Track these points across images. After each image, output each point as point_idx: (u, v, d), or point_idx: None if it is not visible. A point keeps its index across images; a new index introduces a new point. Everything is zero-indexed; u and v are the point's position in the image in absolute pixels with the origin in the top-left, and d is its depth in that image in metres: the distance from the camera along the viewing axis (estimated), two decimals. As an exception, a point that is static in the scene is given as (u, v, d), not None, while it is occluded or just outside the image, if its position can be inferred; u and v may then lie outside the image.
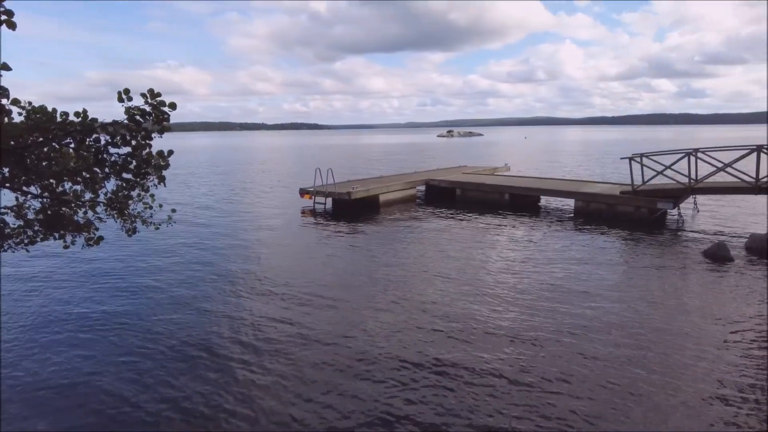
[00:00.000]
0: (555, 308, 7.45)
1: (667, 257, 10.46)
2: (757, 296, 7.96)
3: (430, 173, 21.78)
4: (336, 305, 7.73)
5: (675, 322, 6.97)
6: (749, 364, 5.67)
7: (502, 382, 5.34)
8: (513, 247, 11.25)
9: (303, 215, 15.78)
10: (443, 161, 35.72)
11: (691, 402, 4.93)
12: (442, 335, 6.57)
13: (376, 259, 10.40)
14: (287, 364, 5.80)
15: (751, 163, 12.28)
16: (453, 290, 8.36)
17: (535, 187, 16.72)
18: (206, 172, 32.95)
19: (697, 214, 14.80)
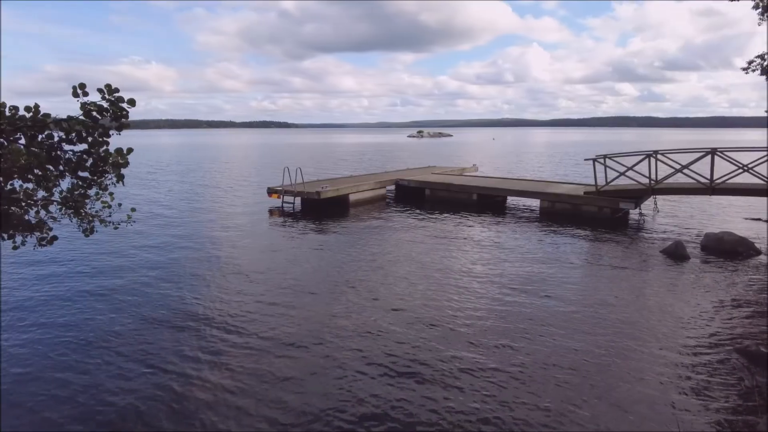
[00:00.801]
0: (520, 306, 7.57)
1: (629, 256, 10.78)
2: (712, 293, 8.29)
3: (400, 173, 21.86)
4: (304, 305, 7.65)
5: (635, 317, 7.19)
6: (704, 359, 5.89)
7: (466, 381, 5.38)
8: (480, 247, 11.39)
9: (271, 215, 15.57)
10: (413, 161, 35.90)
11: (653, 397, 5.08)
12: (409, 334, 6.58)
13: (345, 259, 10.36)
14: (253, 365, 5.70)
15: (706, 165, 12.82)
16: (421, 289, 8.40)
17: (502, 188, 16.98)
18: (171, 170, 32.14)
19: (657, 213, 15.31)
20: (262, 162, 40.91)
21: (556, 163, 37.67)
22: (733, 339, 6.43)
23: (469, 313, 7.31)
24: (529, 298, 7.94)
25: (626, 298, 8.11)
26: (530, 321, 7.02)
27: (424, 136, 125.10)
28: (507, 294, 8.15)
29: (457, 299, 7.90)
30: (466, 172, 23.02)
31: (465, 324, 6.92)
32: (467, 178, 19.78)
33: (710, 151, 12.77)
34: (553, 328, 6.75)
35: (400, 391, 5.18)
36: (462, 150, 59.93)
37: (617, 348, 6.18)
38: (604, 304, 7.74)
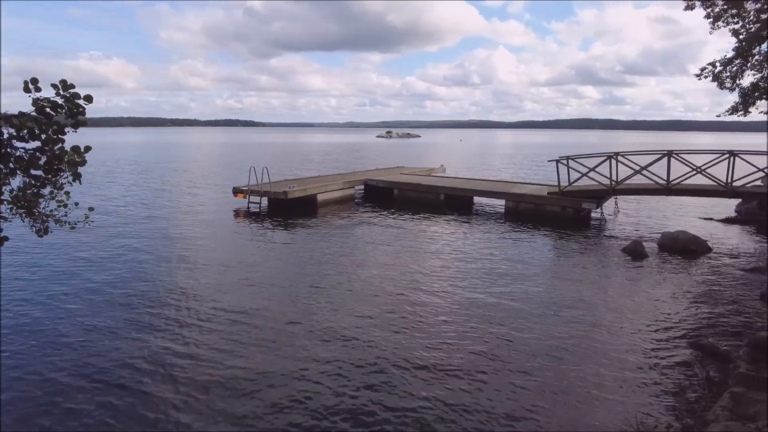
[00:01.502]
0: (484, 304, 7.68)
1: (590, 254, 11.09)
2: (668, 289, 8.62)
3: (369, 173, 21.86)
4: (270, 307, 7.56)
5: (596, 314, 7.41)
6: (661, 353, 6.11)
7: (428, 381, 5.42)
8: (446, 247, 11.50)
9: (236, 215, 15.32)
10: (382, 161, 35.93)
11: (613, 390, 5.24)
12: (374, 335, 6.58)
13: (312, 260, 10.28)
14: (213, 370, 5.60)
15: (663, 167, 13.32)
16: (388, 290, 8.42)
17: (468, 188, 17.20)
18: (132, 169, 31.15)
19: (618, 213, 15.81)
20: (228, 161, 40.17)
21: (521, 164, 38.44)
22: (688, 333, 6.69)
23: (434, 313, 7.37)
24: (494, 297, 8.07)
25: (588, 295, 8.34)
26: (494, 318, 7.13)
27: (393, 136, 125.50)
28: (471, 293, 8.26)
29: (423, 300, 7.96)
30: (433, 173, 23.20)
31: (429, 324, 6.97)
32: (435, 179, 19.95)
33: (667, 153, 13.28)
34: (516, 326, 6.88)
35: (362, 391, 5.18)
36: (430, 151, 60.39)
37: (579, 343, 6.35)
38: (566, 301, 7.94)
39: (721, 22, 15.23)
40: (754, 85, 15.39)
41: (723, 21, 15.19)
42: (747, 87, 15.48)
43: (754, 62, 15.31)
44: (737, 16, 14.96)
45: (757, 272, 9.62)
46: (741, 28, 14.97)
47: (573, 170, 14.38)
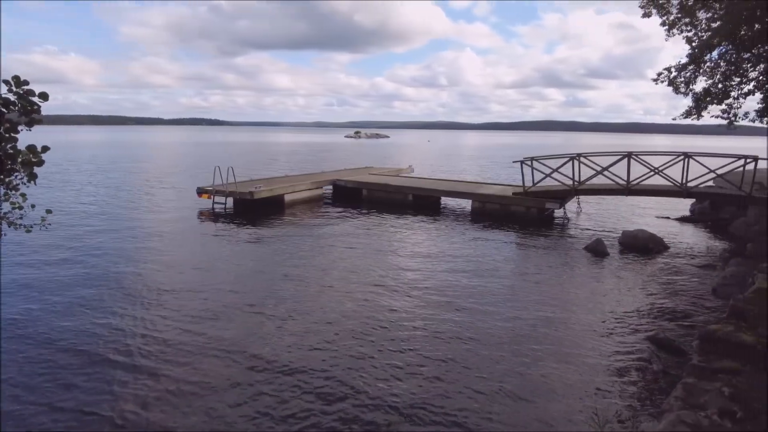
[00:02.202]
0: (451, 302, 7.79)
1: (554, 252, 11.37)
2: (627, 286, 8.93)
3: (338, 173, 21.78)
4: (235, 310, 7.45)
5: (559, 309, 7.61)
6: (620, 347, 6.33)
7: (397, 381, 5.47)
8: (414, 247, 11.59)
9: (201, 216, 15.02)
10: (350, 162, 35.88)
11: (573, 383, 5.39)
12: (341, 336, 6.59)
13: (279, 261, 10.19)
14: (179, 373, 5.49)
15: (623, 168, 13.78)
16: (356, 290, 8.42)
17: (436, 188, 17.36)
18: (93, 169, 30.01)
19: (580, 213, 16.26)
20: (193, 161, 39.32)
21: (487, 164, 39.04)
22: (645, 328, 6.95)
23: (400, 313, 7.42)
24: (460, 296, 8.18)
25: (551, 292, 8.57)
26: (460, 316, 7.23)
27: (362, 136, 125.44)
28: (438, 292, 8.35)
29: (390, 300, 8.00)
30: (402, 173, 23.31)
31: (395, 324, 7.01)
32: (403, 179, 20.04)
33: (626, 154, 13.74)
34: (481, 324, 6.99)
35: (327, 393, 5.18)
36: (398, 151, 60.65)
37: (542, 339, 6.51)
38: (530, 298, 8.13)
39: (675, 29, 15.89)
40: (706, 90, 16.10)
41: (677, 29, 15.85)
42: (699, 92, 16.19)
43: (706, 69, 16.02)
44: (690, 24, 15.63)
45: (710, 269, 10.07)
46: (693, 36, 15.65)
47: (537, 171, 14.70)
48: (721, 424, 3.11)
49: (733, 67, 15.73)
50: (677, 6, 15.53)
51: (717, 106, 16.32)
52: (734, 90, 16.08)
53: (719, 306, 7.69)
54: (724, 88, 15.94)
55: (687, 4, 15.13)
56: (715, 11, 14.63)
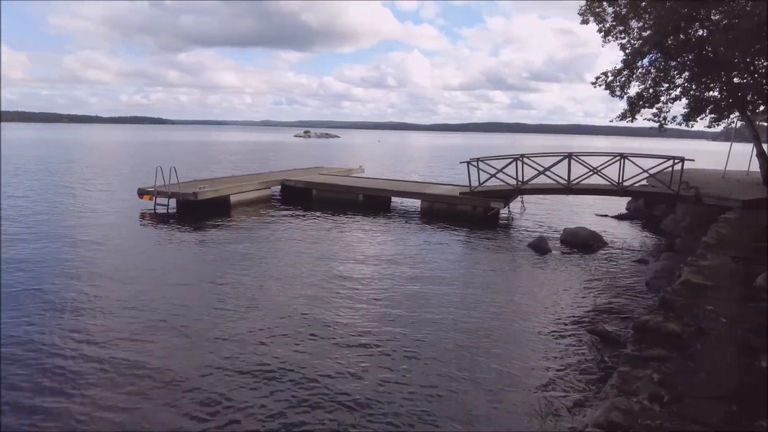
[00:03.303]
0: (399, 299, 7.87)
1: (499, 250, 11.70)
2: (569, 281, 9.31)
3: (286, 173, 21.46)
4: (179, 315, 7.19)
5: (505, 305, 7.85)
6: (562, 340, 6.59)
7: (344, 382, 5.45)
8: (364, 247, 11.60)
9: (142, 218, 14.40)
10: (300, 161, 35.43)
11: (519, 375, 5.55)
12: (287, 338, 6.50)
13: (223, 263, 9.92)
14: (118, 385, 5.24)
15: (564, 168, 14.35)
16: (304, 291, 8.33)
17: (386, 189, 17.45)
18: (24, 170, 28.00)
19: (524, 212, 16.81)
20: (134, 161, 37.57)
21: (436, 165, 39.65)
22: (585, 320, 7.27)
23: (349, 315, 7.40)
24: (409, 294, 8.27)
25: (497, 288, 8.81)
26: (408, 315, 7.31)
27: (311, 136, 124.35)
28: (387, 292, 8.40)
29: (340, 301, 7.96)
30: (352, 173, 23.28)
31: (344, 325, 6.99)
32: (354, 179, 20.02)
33: (567, 155, 14.32)
34: (429, 321, 7.10)
35: (273, 397, 5.10)
36: (349, 151, 60.56)
37: (487, 335, 6.67)
38: (477, 295, 8.33)
39: (611, 36, 16.73)
40: (639, 94, 17.05)
41: (612, 36, 16.69)
42: (633, 96, 17.13)
43: (639, 74, 16.96)
44: (624, 32, 16.50)
45: (644, 263, 10.67)
46: (627, 43, 16.53)
47: (483, 171, 15.06)
48: (650, 408, 3.29)
49: (662, 74, 16.74)
50: (612, 14, 16.36)
51: (649, 110, 17.33)
52: (663, 95, 17.13)
53: (652, 298, 8.15)
54: (655, 92, 16.95)
55: (621, 13, 15.97)
56: (645, 21, 15.52)
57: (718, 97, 16.90)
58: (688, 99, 17.14)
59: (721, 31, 13.10)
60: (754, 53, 13.55)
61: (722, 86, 16.26)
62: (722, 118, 17.82)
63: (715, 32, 13.79)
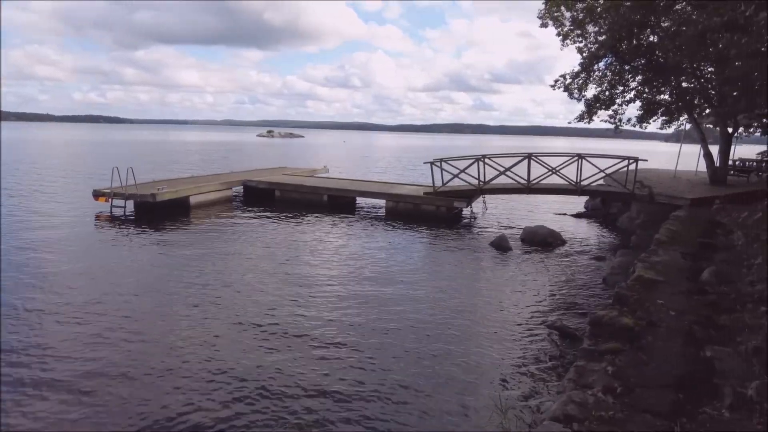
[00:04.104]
0: (364, 301, 7.85)
1: (462, 249, 11.86)
2: (529, 278, 9.52)
3: (248, 173, 21.09)
4: (134, 319, 6.97)
5: (467, 302, 7.98)
6: (523, 335, 6.73)
7: (308, 382, 5.41)
8: (329, 247, 11.54)
9: (98, 220, 13.87)
10: (263, 162, 34.90)
11: (482, 370, 5.64)
12: (249, 341, 6.40)
13: (183, 267, 9.65)
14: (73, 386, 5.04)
15: (524, 168, 14.68)
16: (267, 291, 8.22)
17: (351, 189, 17.41)
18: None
19: (486, 211, 17.09)
20: (89, 161, 36.15)
21: (401, 165, 39.83)
22: (545, 316, 7.45)
23: (312, 314, 7.35)
24: (373, 294, 8.27)
25: (459, 287, 8.93)
26: (372, 314, 7.31)
27: (275, 136, 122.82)
28: (351, 291, 8.39)
29: (302, 303, 7.89)
30: (317, 174, 23.11)
31: (307, 326, 6.93)
32: (318, 180, 19.87)
33: (527, 156, 14.64)
34: (393, 319, 7.12)
35: (235, 401, 5.01)
36: (314, 151, 60.10)
37: (450, 332, 6.76)
38: (439, 293, 8.42)
39: (569, 40, 17.22)
40: (596, 96, 17.62)
41: (570, 39, 17.18)
42: (590, 98, 17.68)
43: (595, 77, 17.53)
44: (581, 36, 17.02)
45: (601, 260, 11.02)
46: (584, 47, 17.04)
47: (446, 172, 15.23)
48: (604, 400, 3.40)
49: (617, 77, 17.36)
50: (570, 19, 16.86)
51: (605, 112, 17.94)
52: (619, 97, 17.77)
53: (608, 293, 8.42)
54: (611, 95, 17.57)
55: (578, 18, 16.47)
56: (601, 26, 16.05)
57: (668, 100, 17.68)
58: (642, 102, 17.85)
59: (669, 37, 13.68)
60: (699, 59, 14.23)
61: (672, 90, 17.01)
62: (673, 120, 18.65)
63: (664, 38, 14.40)
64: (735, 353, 4.10)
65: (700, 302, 5.50)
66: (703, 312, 5.18)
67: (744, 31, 8.69)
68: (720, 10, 10.25)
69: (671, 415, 3.23)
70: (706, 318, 5.00)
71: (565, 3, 16.50)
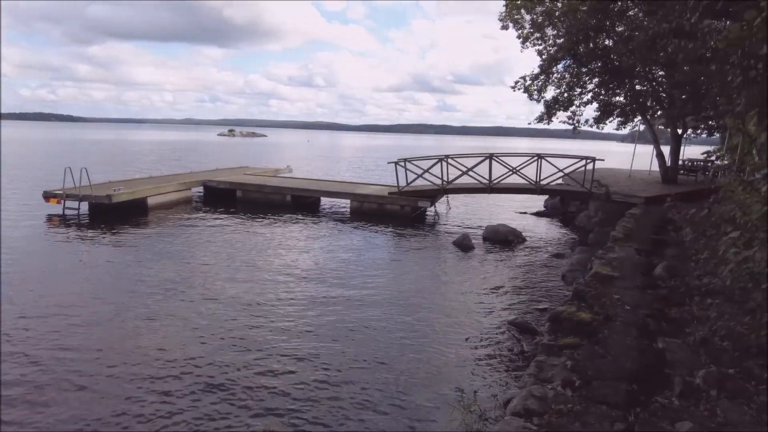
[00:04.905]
0: (329, 302, 7.80)
1: (426, 247, 11.96)
2: (491, 276, 9.68)
3: (209, 173, 20.62)
4: (90, 325, 6.70)
5: (431, 300, 8.05)
6: (485, 332, 6.83)
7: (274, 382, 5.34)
8: (292, 248, 11.41)
9: (50, 223, 13.25)
10: (224, 161, 34.17)
11: (446, 367, 5.69)
12: (210, 345, 6.26)
13: (142, 270, 9.33)
14: (28, 394, 4.80)
15: (486, 168, 14.93)
16: (227, 297, 8.03)
17: (315, 189, 17.27)
18: None
19: (449, 210, 17.29)
20: (37, 161, 34.42)
21: (365, 165, 39.83)
22: (506, 313, 7.59)
23: (275, 315, 7.26)
24: (339, 295, 8.23)
25: (422, 286, 8.99)
26: (337, 314, 7.28)
27: (236, 135, 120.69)
28: (313, 291, 8.33)
29: (264, 304, 7.78)
30: (280, 174, 22.83)
31: (269, 328, 6.84)
32: (281, 180, 19.62)
33: (488, 156, 14.89)
34: (357, 319, 7.11)
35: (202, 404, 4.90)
36: (277, 151, 59.38)
37: (413, 330, 6.79)
38: (404, 292, 8.45)
39: (528, 42, 17.61)
40: (555, 98, 18.09)
41: (530, 42, 17.59)
42: (549, 100, 18.15)
43: (554, 79, 18.00)
44: (540, 39, 17.44)
45: (560, 257, 11.32)
46: (543, 50, 17.48)
47: (410, 172, 15.33)
48: (563, 394, 3.49)
49: (575, 79, 17.89)
50: (530, 22, 17.25)
51: (564, 113, 18.46)
52: (577, 99, 18.32)
53: (567, 289, 8.66)
54: (569, 97, 18.09)
55: (537, 21, 16.88)
56: (559, 29, 16.50)
57: (623, 102, 18.35)
58: (598, 103, 18.46)
59: (622, 41, 14.20)
60: (650, 63, 14.83)
61: (626, 92, 17.65)
62: (628, 121, 19.36)
63: (618, 42, 14.94)
64: (684, 344, 4.29)
65: (653, 296, 5.72)
66: (656, 305, 5.39)
67: (690, 37, 9.10)
68: (668, 17, 10.71)
69: (626, 406, 3.34)
70: (658, 311, 5.21)
71: (525, 6, 16.89)
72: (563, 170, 15.31)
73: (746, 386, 3.52)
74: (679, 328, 4.72)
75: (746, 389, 3.49)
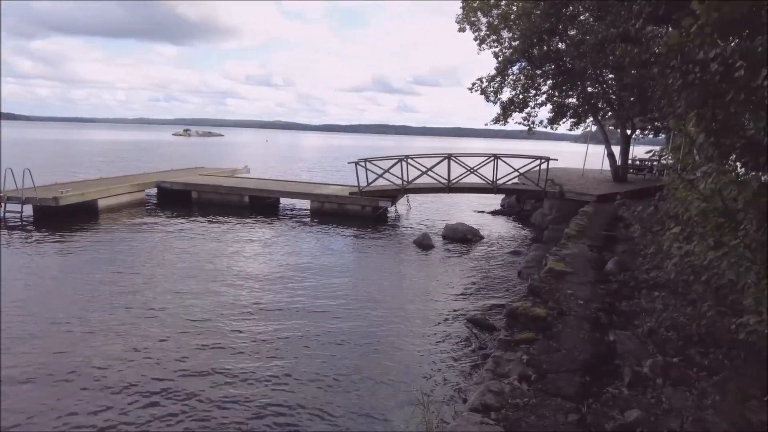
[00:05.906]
0: (290, 304, 7.72)
1: (387, 247, 12.01)
2: (449, 273, 9.83)
3: (163, 174, 19.97)
4: (34, 334, 6.38)
5: (391, 299, 8.08)
6: (444, 329, 6.92)
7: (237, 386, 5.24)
8: (251, 249, 11.22)
9: (-11, 226, 12.53)
10: (179, 162, 33.20)
11: (405, 366, 5.73)
12: (165, 353, 6.08)
13: (90, 276, 8.92)
14: None
15: (444, 168, 15.12)
16: (182, 303, 7.82)
17: (274, 189, 17.01)
18: None
19: (409, 210, 17.42)
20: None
21: (325, 165, 39.59)
22: (464, 310, 7.71)
23: (234, 318, 7.13)
24: (299, 296, 8.15)
25: (382, 285, 9.03)
26: (297, 316, 7.22)
27: (192, 134, 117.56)
28: (272, 292, 8.23)
29: (223, 309, 7.61)
30: (237, 174, 22.37)
31: (228, 332, 6.71)
32: (238, 180, 19.24)
33: (447, 156, 15.09)
34: (318, 319, 7.07)
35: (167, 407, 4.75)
36: (234, 151, 58.18)
37: (372, 332, 6.80)
38: (363, 292, 8.45)
39: (485, 44, 17.95)
40: (510, 99, 18.50)
41: (486, 44, 17.92)
42: (505, 101, 18.55)
43: (510, 81, 18.41)
44: (496, 41, 17.80)
45: (516, 254, 11.59)
46: (499, 52, 17.85)
47: (371, 172, 15.34)
48: (519, 388, 3.57)
49: (529, 81, 18.35)
50: (486, 24, 17.59)
51: (519, 114, 18.91)
52: (531, 100, 18.79)
53: (523, 286, 8.87)
54: (524, 98, 18.53)
55: (493, 24, 17.22)
56: (514, 32, 16.90)
57: (576, 103, 18.96)
58: (552, 105, 19.01)
59: (574, 45, 14.69)
60: (600, 66, 15.39)
61: (579, 94, 18.25)
62: (580, 122, 20.02)
63: (570, 46, 15.43)
64: (633, 335, 4.47)
65: (605, 290, 5.93)
66: (607, 299, 5.59)
67: (635, 42, 9.50)
68: (616, 22, 11.15)
69: (579, 397, 3.45)
70: (609, 305, 5.41)
71: (482, 8, 17.21)
72: (519, 170, 15.68)
73: (688, 373, 3.71)
74: (629, 321, 4.91)
75: (689, 376, 3.67)
